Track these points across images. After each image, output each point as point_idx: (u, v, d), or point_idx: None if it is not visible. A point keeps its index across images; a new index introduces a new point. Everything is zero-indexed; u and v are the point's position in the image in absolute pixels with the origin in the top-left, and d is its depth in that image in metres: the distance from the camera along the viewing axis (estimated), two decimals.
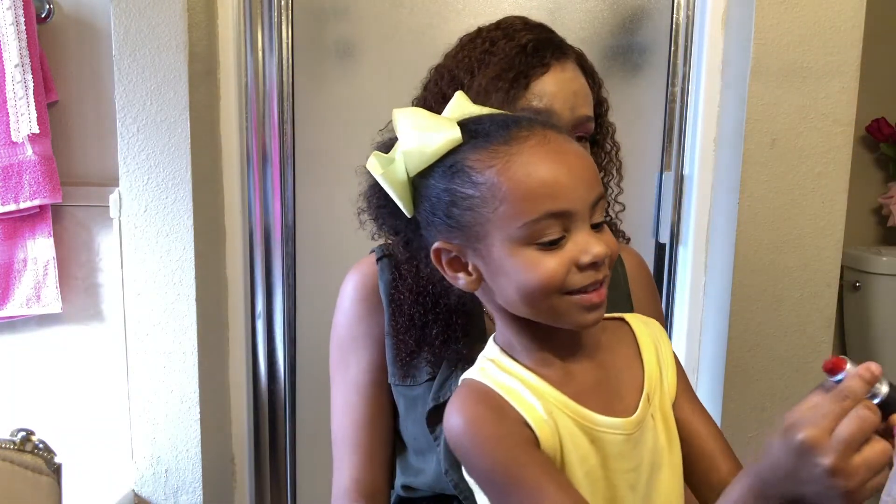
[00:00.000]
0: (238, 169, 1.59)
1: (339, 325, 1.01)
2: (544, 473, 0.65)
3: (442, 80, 0.96)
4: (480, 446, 0.67)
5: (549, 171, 0.65)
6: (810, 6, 1.37)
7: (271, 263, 1.62)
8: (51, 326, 1.58)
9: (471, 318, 0.95)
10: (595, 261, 0.65)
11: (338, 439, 1.01)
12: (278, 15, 1.55)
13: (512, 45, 0.91)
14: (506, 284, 0.68)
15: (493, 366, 0.72)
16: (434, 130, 0.70)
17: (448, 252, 0.71)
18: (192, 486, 1.54)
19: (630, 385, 0.74)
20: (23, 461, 0.92)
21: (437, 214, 0.70)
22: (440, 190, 0.69)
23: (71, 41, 1.52)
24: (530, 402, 0.68)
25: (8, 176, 1.45)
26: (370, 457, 0.99)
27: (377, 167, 0.72)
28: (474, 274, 0.71)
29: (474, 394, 0.70)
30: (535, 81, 0.90)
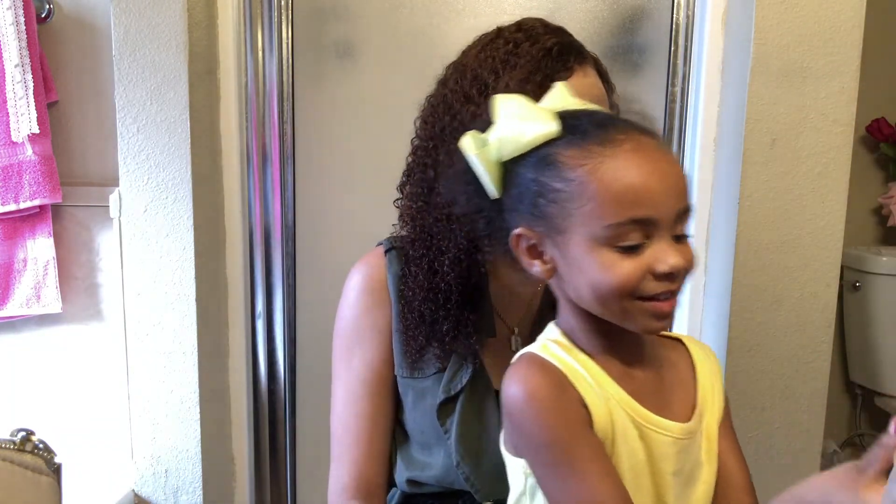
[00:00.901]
0: (238, 169, 1.59)
1: (344, 317, 1.01)
2: (594, 456, 0.67)
3: (464, 79, 0.95)
4: (539, 417, 0.68)
5: (639, 178, 0.66)
6: (810, 6, 1.37)
7: (271, 263, 1.62)
8: (51, 326, 1.58)
9: (482, 315, 0.96)
10: (671, 272, 0.67)
11: (339, 432, 1.00)
12: (278, 15, 1.55)
13: (537, 48, 0.92)
14: (579, 280, 0.70)
15: (555, 345, 0.74)
16: (532, 120, 0.71)
17: (528, 239, 0.73)
18: (192, 486, 1.54)
19: (682, 399, 0.75)
20: (23, 461, 0.92)
21: (522, 202, 0.72)
22: (529, 179, 0.70)
23: (71, 41, 1.52)
24: (589, 384, 0.70)
25: (8, 176, 1.45)
26: (372, 451, 0.99)
27: (472, 147, 0.73)
28: (550, 264, 0.73)
29: (536, 366, 0.71)
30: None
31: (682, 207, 0.68)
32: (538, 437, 0.68)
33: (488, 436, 0.92)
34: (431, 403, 0.94)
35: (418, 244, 0.96)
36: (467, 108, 0.94)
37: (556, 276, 0.73)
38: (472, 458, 0.92)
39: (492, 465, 0.91)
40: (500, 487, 0.91)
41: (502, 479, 0.91)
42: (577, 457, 0.67)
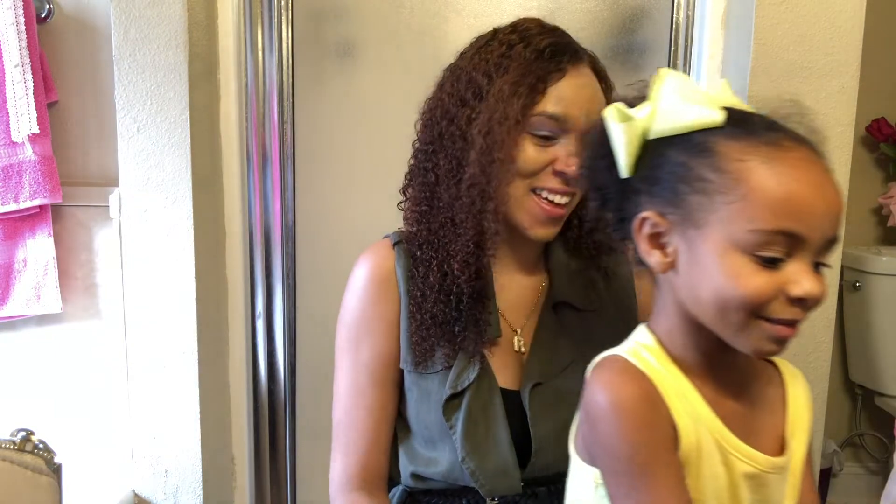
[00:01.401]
0: (238, 169, 1.59)
1: (350, 308, 1.01)
2: (673, 482, 0.63)
3: (459, 83, 0.96)
4: (623, 430, 0.64)
5: (802, 190, 0.62)
6: (810, 6, 1.37)
7: (271, 263, 1.62)
8: (51, 326, 1.58)
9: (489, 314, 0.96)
10: (805, 297, 0.62)
11: (344, 423, 1.00)
12: (278, 15, 1.55)
13: (530, 50, 0.92)
14: (702, 282, 0.65)
15: (648, 353, 0.69)
16: (697, 103, 0.67)
17: (654, 225, 0.68)
18: (192, 486, 1.54)
19: (770, 427, 0.72)
20: (23, 461, 0.92)
21: (660, 184, 0.67)
22: (676, 162, 0.66)
23: (71, 41, 1.52)
24: (682, 402, 0.66)
25: (8, 176, 1.45)
26: (378, 442, 0.99)
27: (616, 117, 0.70)
28: (671, 258, 0.68)
29: (627, 374, 0.67)
30: (552, 86, 0.90)
31: (832, 236, 0.64)
32: (619, 451, 0.64)
33: (494, 432, 0.93)
34: (437, 399, 0.94)
35: (426, 247, 0.96)
36: (463, 112, 0.94)
37: (673, 272, 0.68)
38: (477, 454, 0.92)
39: (497, 461, 0.92)
40: (505, 483, 0.92)
41: (507, 475, 0.92)
42: (655, 479, 0.63)
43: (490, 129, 0.90)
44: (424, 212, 0.98)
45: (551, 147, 0.91)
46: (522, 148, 0.91)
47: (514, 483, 0.92)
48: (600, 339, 0.97)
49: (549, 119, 0.90)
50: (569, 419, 0.93)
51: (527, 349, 0.98)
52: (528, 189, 0.92)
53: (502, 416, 0.93)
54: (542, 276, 1.02)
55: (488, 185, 0.91)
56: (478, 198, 0.91)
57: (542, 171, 0.92)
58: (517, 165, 0.91)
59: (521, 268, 1.01)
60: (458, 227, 0.93)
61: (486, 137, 0.90)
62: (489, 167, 0.90)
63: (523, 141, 0.91)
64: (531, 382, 0.94)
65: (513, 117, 0.89)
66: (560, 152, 0.91)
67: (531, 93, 0.90)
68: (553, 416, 0.93)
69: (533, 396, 0.94)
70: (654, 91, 0.69)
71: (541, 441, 0.92)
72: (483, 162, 0.90)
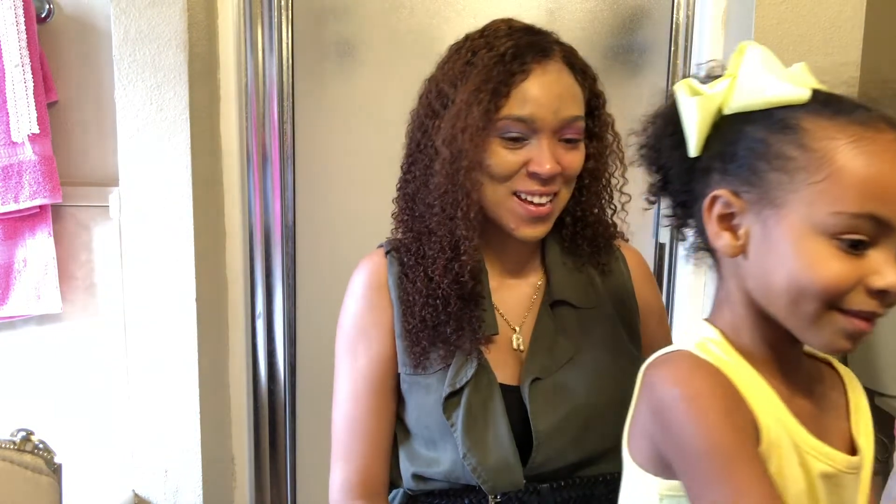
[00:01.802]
0: (238, 169, 1.59)
1: (348, 314, 1.02)
2: (760, 474, 0.58)
3: (431, 94, 0.97)
4: (704, 422, 0.59)
5: (893, 174, 0.58)
6: (810, 6, 1.37)
7: (271, 263, 1.62)
8: (51, 326, 1.58)
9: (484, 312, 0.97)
10: (888, 290, 0.58)
11: (344, 430, 1.01)
12: (278, 15, 1.55)
13: (491, 55, 0.92)
14: (775, 267, 0.61)
15: (715, 346, 0.65)
16: (783, 79, 0.64)
17: (727, 205, 0.64)
18: (192, 486, 1.54)
19: (837, 429, 0.68)
20: (23, 461, 0.92)
21: (736, 161, 0.63)
22: (755, 139, 0.62)
23: (71, 41, 1.52)
24: (758, 399, 0.62)
25: (8, 176, 1.45)
26: (379, 449, 1.00)
27: (689, 92, 0.67)
28: (742, 240, 0.64)
29: (700, 368, 0.63)
30: (516, 88, 0.90)
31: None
32: (699, 445, 0.59)
33: (494, 428, 0.93)
34: (436, 398, 0.94)
35: (412, 254, 0.98)
36: (433, 123, 0.95)
37: (742, 257, 0.63)
38: (478, 450, 0.92)
39: (498, 457, 0.92)
40: (507, 479, 0.92)
41: (509, 470, 0.92)
42: (740, 472, 0.58)
43: (454, 137, 0.90)
44: (406, 220, 1.00)
45: (522, 149, 0.91)
46: (494, 153, 0.91)
47: (516, 478, 0.92)
48: (598, 336, 0.98)
49: (515, 122, 0.90)
50: (569, 413, 0.93)
51: (525, 347, 0.98)
52: (508, 192, 0.93)
53: (502, 411, 0.93)
54: (540, 274, 1.03)
55: (456, 194, 0.91)
56: (448, 206, 0.92)
57: (518, 173, 0.92)
58: (491, 170, 0.92)
59: (517, 267, 1.02)
60: (434, 234, 0.95)
61: (451, 146, 0.91)
62: (455, 176, 0.91)
63: (494, 146, 0.91)
64: (531, 377, 0.95)
65: (474, 125, 0.89)
66: (532, 153, 0.91)
67: (494, 97, 0.89)
68: (553, 411, 0.93)
69: (533, 391, 0.94)
70: (733, 64, 0.66)
71: (541, 436, 0.93)
72: (449, 171, 0.91)
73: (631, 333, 1.02)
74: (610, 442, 0.96)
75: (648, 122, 0.73)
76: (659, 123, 0.71)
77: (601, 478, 0.97)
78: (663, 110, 0.70)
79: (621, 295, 1.04)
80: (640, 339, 1.04)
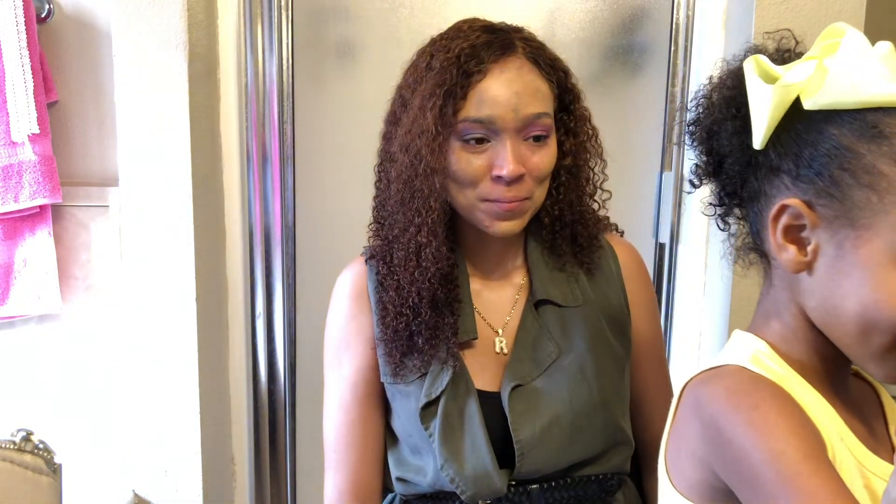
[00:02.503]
0: (238, 169, 1.59)
1: (332, 324, 1.03)
2: (839, 483, 0.52)
3: (395, 101, 0.97)
4: (770, 438, 0.53)
5: None
6: (810, 6, 1.37)
7: (271, 263, 1.62)
8: (51, 326, 1.58)
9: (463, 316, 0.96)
10: None
11: (332, 439, 1.01)
12: (278, 15, 1.55)
13: (446, 57, 0.90)
14: (847, 293, 0.54)
15: (770, 361, 0.60)
16: (883, 76, 0.53)
17: (796, 216, 0.57)
18: (192, 486, 1.54)
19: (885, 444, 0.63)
20: (23, 461, 0.92)
21: (813, 167, 0.55)
22: (837, 145, 0.54)
23: (71, 41, 1.52)
24: (819, 417, 0.56)
25: (8, 176, 1.45)
26: (367, 456, 1.00)
27: (760, 74, 0.58)
28: (810, 257, 0.57)
29: (760, 385, 0.57)
30: (472, 89, 0.88)
31: None
32: (767, 459, 0.52)
33: (471, 437, 0.91)
34: (416, 407, 0.94)
35: (385, 261, 0.97)
36: (394, 130, 0.95)
37: (808, 273, 0.57)
38: (455, 460, 0.91)
39: (475, 466, 0.91)
40: (487, 488, 0.91)
41: (487, 480, 0.90)
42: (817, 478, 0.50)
43: (410, 143, 0.89)
44: (378, 229, 1.00)
45: (486, 152, 0.89)
46: (457, 157, 0.89)
47: (496, 487, 0.90)
48: (583, 335, 0.97)
49: (473, 123, 0.88)
50: (552, 421, 0.92)
51: (509, 349, 0.96)
52: (477, 199, 0.91)
53: (479, 419, 0.91)
54: (522, 274, 1.01)
55: (413, 200, 0.90)
56: (409, 212, 0.91)
57: (484, 178, 0.89)
58: (456, 175, 0.89)
59: (498, 268, 1.01)
60: (398, 242, 0.94)
61: (406, 152, 0.89)
62: (412, 182, 0.89)
63: (455, 150, 0.89)
64: (511, 385, 0.93)
65: (428, 130, 0.87)
66: (495, 155, 0.88)
67: (450, 100, 0.87)
68: (535, 419, 0.92)
69: (513, 399, 0.92)
70: (824, 49, 0.58)
71: (524, 445, 0.91)
72: (405, 177, 0.90)
73: (618, 332, 1.00)
74: (600, 445, 0.95)
75: (703, 99, 0.64)
76: (719, 103, 0.62)
77: (593, 477, 0.96)
78: (725, 89, 0.61)
79: (608, 292, 1.01)
80: (629, 337, 1.02)
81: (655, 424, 1.05)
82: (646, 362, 1.05)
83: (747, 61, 0.59)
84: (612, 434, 0.97)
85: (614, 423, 0.97)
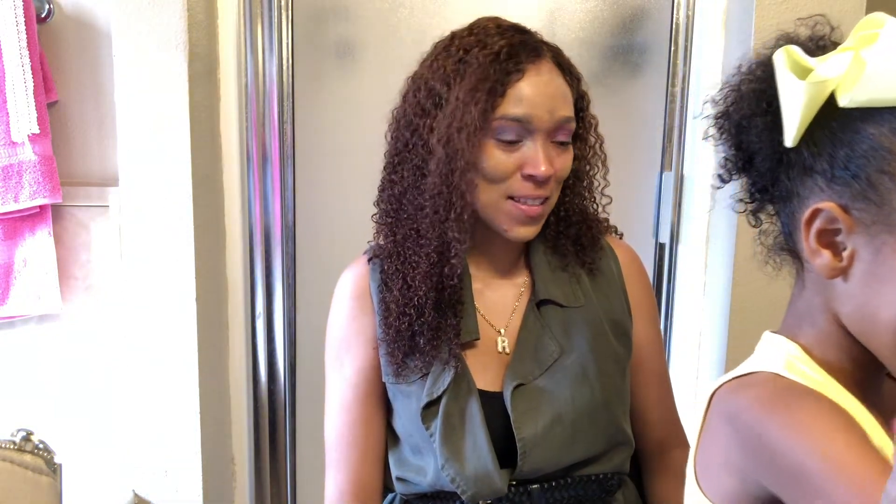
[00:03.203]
0: (238, 169, 1.59)
1: (333, 324, 1.02)
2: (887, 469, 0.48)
3: (420, 93, 0.95)
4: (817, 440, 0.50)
5: None
6: (810, 6, 1.37)
7: (271, 263, 1.62)
8: (51, 326, 1.58)
9: (465, 317, 0.96)
10: None
11: (333, 439, 1.01)
12: (278, 15, 1.55)
13: (486, 53, 0.90)
14: (885, 302, 0.52)
15: (805, 366, 0.57)
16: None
17: (831, 220, 0.54)
18: (192, 486, 1.54)
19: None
20: (23, 461, 0.92)
21: (849, 169, 0.52)
22: (876, 145, 0.51)
23: (71, 41, 1.52)
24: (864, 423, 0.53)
25: (8, 176, 1.45)
26: (368, 456, 1.00)
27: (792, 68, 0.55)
28: (845, 262, 0.54)
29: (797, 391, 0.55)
30: (512, 88, 0.89)
31: None
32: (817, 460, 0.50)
33: (472, 437, 0.91)
34: (417, 407, 0.94)
35: (393, 259, 0.96)
36: (424, 122, 0.94)
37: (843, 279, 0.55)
38: (456, 460, 0.91)
39: (476, 466, 0.91)
40: (488, 488, 0.91)
41: (488, 479, 0.90)
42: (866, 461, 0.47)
43: (450, 137, 0.89)
44: (391, 224, 0.98)
45: (518, 151, 0.90)
46: (489, 154, 0.90)
47: (496, 487, 0.91)
48: (585, 336, 0.97)
49: (511, 122, 0.89)
50: (553, 420, 0.92)
51: (511, 349, 0.97)
52: (502, 195, 0.91)
53: (480, 419, 0.91)
54: (524, 274, 1.01)
55: (450, 195, 0.90)
56: (441, 207, 0.90)
57: (513, 176, 0.90)
58: (486, 172, 0.90)
59: (501, 268, 1.01)
60: (422, 237, 0.93)
61: (447, 146, 0.89)
62: (450, 176, 0.89)
63: (488, 147, 0.90)
64: (513, 384, 0.93)
65: (472, 124, 0.87)
66: (527, 155, 0.89)
67: (490, 97, 0.88)
68: (537, 418, 0.92)
69: (515, 398, 0.92)
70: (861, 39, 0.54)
71: (526, 444, 0.91)
72: (444, 171, 0.89)
73: (619, 334, 1.01)
74: (601, 445, 0.95)
75: (731, 91, 0.61)
76: (748, 96, 0.59)
77: (594, 477, 0.96)
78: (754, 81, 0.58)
79: (610, 294, 1.02)
80: (631, 339, 1.02)
81: (655, 426, 1.06)
82: (646, 364, 1.05)
83: (777, 53, 0.55)
84: (614, 434, 0.97)
85: (615, 423, 0.97)
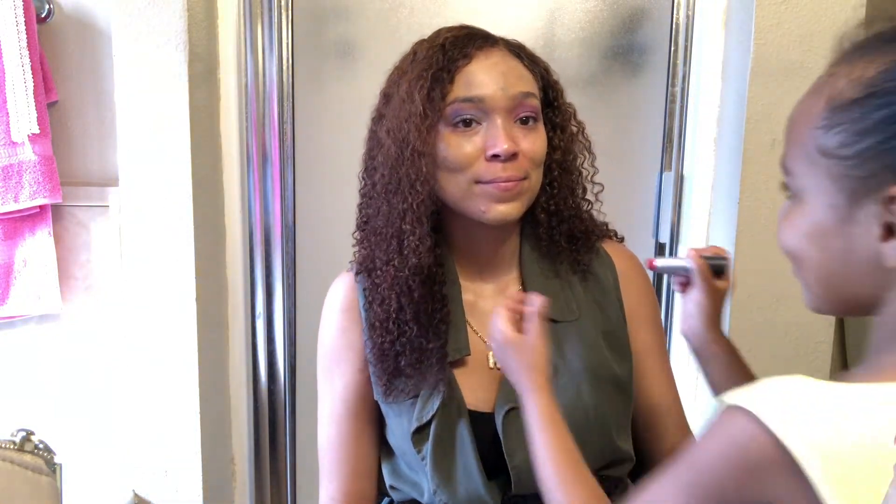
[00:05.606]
0: (238, 169, 1.59)
1: (323, 337, 1.01)
2: None
3: (379, 101, 0.96)
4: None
5: None
6: (810, 6, 1.37)
7: (271, 263, 1.62)
8: (51, 326, 1.58)
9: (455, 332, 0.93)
10: None
11: (324, 450, 1.00)
12: (278, 15, 1.55)
13: (431, 46, 0.90)
14: None
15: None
16: None
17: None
18: (192, 486, 1.54)
19: None
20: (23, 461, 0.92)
21: None
22: None
23: (71, 41, 1.52)
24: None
25: (8, 176, 1.45)
26: (358, 469, 0.99)
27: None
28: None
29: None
30: (459, 73, 0.88)
31: None
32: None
33: (464, 461, 0.90)
34: (408, 428, 0.92)
35: (371, 273, 0.95)
36: (379, 126, 0.93)
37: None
38: (447, 484, 0.90)
39: (468, 491, 0.89)
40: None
41: (480, 502, 0.89)
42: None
43: (397, 127, 0.88)
44: (362, 238, 0.97)
45: (476, 134, 0.87)
46: (446, 143, 0.87)
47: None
48: (579, 351, 0.93)
49: (463, 104, 0.87)
50: None
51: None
52: (471, 182, 0.88)
53: (470, 443, 0.89)
54: (516, 283, 0.98)
55: (400, 183, 0.88)
56: (393, 198, 0.89)
57: (477, 160, 0.87)
58: (447, 161, 0.88)
59: (492, 280, 0.98)
60: (380, 236, 0.91)
61: (394, 137, 0.88)
62: (399, 166, 0.88)
63: (445, 135, 0.87)
64: (505, 408, 0.90)
65: (417, 113, 0.86)
66: (487, 135, 0.87)
67: (436, 83, 0.86)
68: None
69: (507, 423, 0.89)
70: None
71: (519, 470, 0.88)
72: (392, 163, 0.88)
73: (614, 347, 0.97)
74: (597, 465, 0.92)
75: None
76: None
77: None
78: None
79: (604, 304, 0.98)
80: (628, 349, 0.98)
81: (668, 435, 1.02)
82: (650, 373, 1.01)
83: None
84: (609, 455, 0.94)
85: (611, 445, 0.94)
